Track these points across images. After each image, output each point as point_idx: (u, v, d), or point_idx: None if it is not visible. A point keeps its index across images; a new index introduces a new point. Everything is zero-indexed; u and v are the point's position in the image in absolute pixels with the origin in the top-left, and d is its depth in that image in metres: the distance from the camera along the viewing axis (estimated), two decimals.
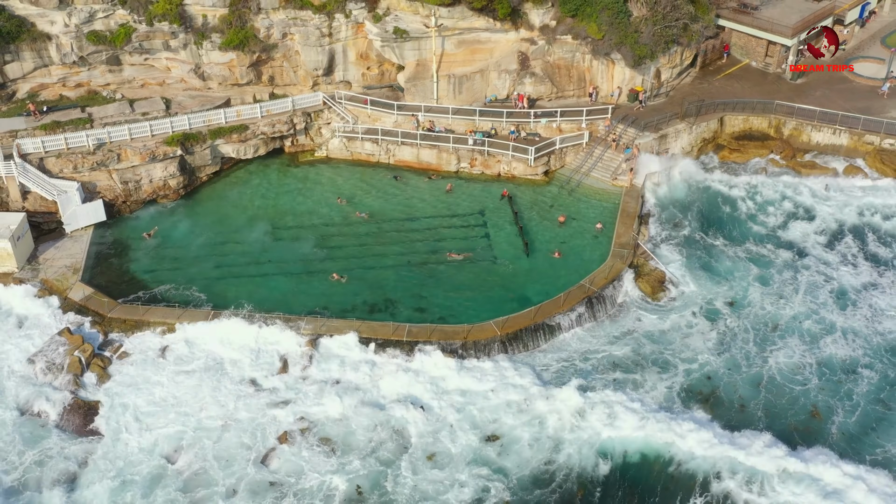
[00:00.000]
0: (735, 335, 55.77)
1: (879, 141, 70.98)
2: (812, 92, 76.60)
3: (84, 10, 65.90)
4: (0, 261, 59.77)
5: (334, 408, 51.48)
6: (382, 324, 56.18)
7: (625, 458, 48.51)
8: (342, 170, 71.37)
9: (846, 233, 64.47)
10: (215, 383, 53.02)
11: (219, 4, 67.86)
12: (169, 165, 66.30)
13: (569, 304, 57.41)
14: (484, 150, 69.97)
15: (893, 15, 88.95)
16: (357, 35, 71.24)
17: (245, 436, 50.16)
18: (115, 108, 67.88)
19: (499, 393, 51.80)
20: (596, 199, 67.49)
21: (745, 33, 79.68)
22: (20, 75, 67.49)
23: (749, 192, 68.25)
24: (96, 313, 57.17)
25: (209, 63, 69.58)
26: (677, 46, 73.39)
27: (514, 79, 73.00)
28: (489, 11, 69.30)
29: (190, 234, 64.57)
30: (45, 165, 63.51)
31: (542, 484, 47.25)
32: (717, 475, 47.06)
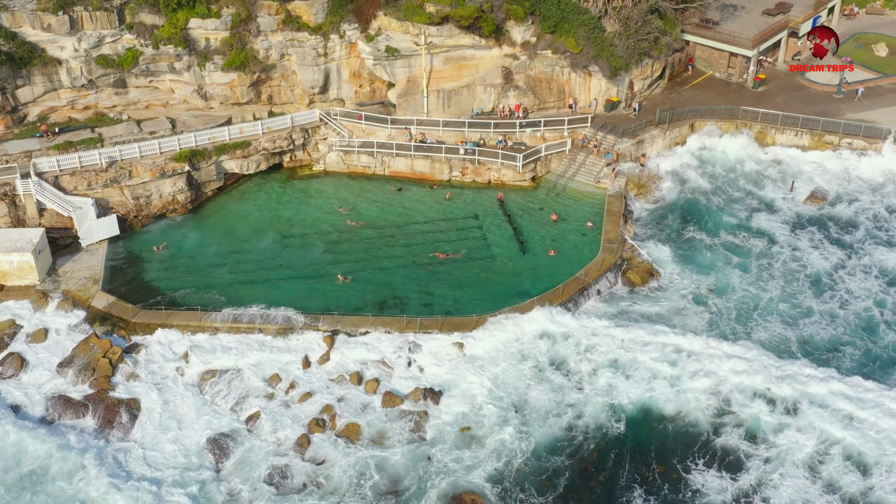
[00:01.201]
0: (721, 314, 60.56)
1: (838, 140, 76.79)
2: (773, 98, 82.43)
3: (93, 35, 69.18)
4: (22, 273, 62.36)
5: (356, 395, 54.92)
6: (395, 318, 59.81)
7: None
8: (340, 182, 75.14)
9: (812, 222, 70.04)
10: (241, 377, 56.07)
11: (220, 28, 71.60)
12: (177, 181, 69.49)
13: (567, 295, 61.66)
14: (475, 159, 74.31)
15: (841, 28, 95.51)
16: (350, 55, 75.40)
17: (276, 423, 53.27)
18: (124, 128, 71.08)
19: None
20: (582, 201, 72.12)
21: (709, 46, 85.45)
22: (31, 99, 70.36)
23: (721, 191, 73.49)
24: (120, 319, 59.98)
25: (211, 83, 73.13)
26: (648, 59, 78.75)
27: (498, 92, 77.68)
28: (475, 29, 73.96)
29: (201, 244, 67.68)
30: (59, 183, 66.36)
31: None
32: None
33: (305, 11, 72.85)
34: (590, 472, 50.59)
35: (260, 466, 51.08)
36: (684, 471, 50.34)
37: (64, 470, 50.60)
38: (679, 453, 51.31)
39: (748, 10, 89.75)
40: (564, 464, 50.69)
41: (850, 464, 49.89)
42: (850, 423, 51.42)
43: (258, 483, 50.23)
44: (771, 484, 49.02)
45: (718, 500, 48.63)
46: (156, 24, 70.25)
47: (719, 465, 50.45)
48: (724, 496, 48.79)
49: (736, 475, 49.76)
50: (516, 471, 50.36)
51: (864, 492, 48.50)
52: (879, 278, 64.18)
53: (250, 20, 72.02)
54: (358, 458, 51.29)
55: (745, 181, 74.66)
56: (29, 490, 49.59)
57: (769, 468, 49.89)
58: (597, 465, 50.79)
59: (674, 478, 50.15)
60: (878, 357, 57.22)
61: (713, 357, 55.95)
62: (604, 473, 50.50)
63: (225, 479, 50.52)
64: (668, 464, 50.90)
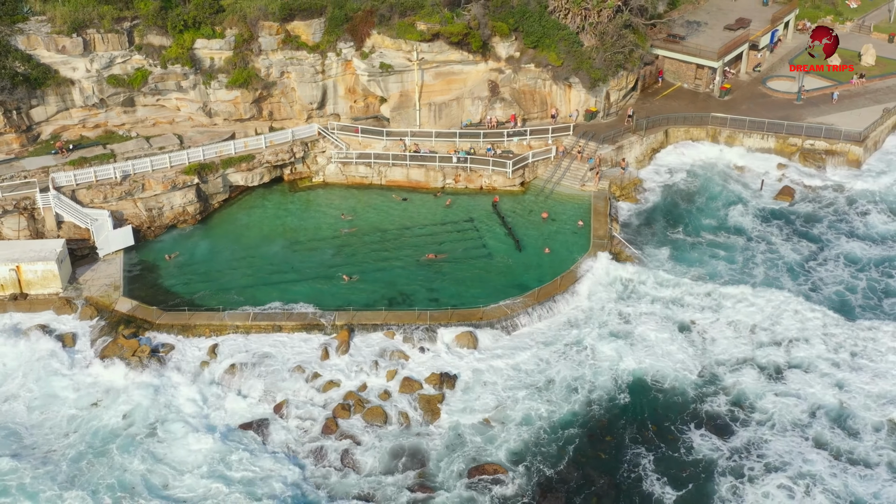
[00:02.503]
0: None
1: (801, 142, 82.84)
2: (739, 106, 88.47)
3: (104, 56, 72.68)
4: (46, 282, 65.24)
5: (376, 382, 58.76)
6: (406, 311, 63.80)
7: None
8: (340, 192, 79.12)
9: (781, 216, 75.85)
10: (266, 369, 59.52)
11: (225, 47, 75.54)
12: (187, 193, 72.94)
13: (564, 286, 66.24)
14: (467, 167, 78.88)
15: (795, 42, 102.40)
16: (346, 72, 79.73)
17: (303, 410, 56.80)
18: (134, 144, 74.49)
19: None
20: (569, 203, 76.96)
21: (677, 59, 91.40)
22: (44, 118, 73.44)
23: (699, 193, 79.03)
24: (144, 321, 63.05)
25: (216, 101, 76.87)
26: (623, 71, 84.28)
27: (485, 104, 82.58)
28: (464, 45, 78.84)
29: (212, 252, 71.07)
30: (76, 196, 69.45)
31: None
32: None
33: (304, 31, 77.13)
34: (595, 437, 54.79)
35: (294, 448, 54.46)
36: (679, 432, 54.84)
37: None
38: (672, 417, 55.94)
39: (711, 25, 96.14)
40: (577, 433, 54.80)
41: (835, 423, 54.95)
42: (834, 386, 56.78)
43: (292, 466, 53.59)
44: (762, 440, 53.80)
45: (714, 457, 53.21)
46: (163, 45, 73.95)
47: (712, 427, 55.12)
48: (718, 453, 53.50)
49: (728, 437, 54.47)
50: (533, 443, 54.32)
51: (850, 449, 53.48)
52: (849, 266, 69.99)
53: (252, 40, 76.06)
54: (383, 438, 54.87)
55: (720, 182, 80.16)
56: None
57: (760, 428, 54.71)
58: (605, 430, 55.08)
59: (669, 438, 54.45)
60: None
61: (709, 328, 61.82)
62: (610, 438, 54.70)
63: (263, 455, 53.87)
64: (663, 426, 55.43)
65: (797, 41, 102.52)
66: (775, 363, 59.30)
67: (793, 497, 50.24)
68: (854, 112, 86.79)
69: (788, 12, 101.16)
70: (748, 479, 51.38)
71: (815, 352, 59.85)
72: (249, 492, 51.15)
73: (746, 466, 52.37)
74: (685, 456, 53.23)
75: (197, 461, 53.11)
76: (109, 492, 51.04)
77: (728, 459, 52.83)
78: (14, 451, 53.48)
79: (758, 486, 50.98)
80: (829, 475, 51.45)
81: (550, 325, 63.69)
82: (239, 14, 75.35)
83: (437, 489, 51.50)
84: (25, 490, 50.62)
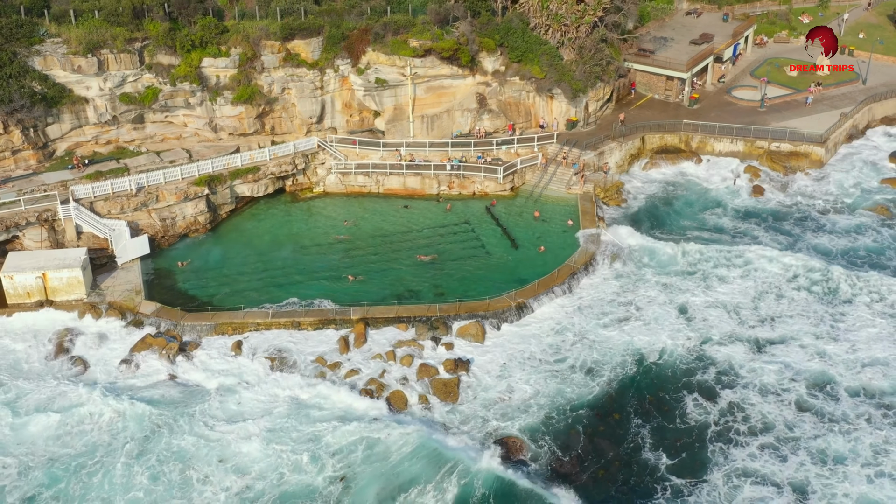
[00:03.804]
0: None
1: (768, 145, 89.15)
2: (707, 113, 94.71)
3: (117, 75, 76.46)
4: (72, 288, 68.43)
5: (395, 369, 62.86)
6: (417, 305, 68.09)
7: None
8: (340, 200, 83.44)
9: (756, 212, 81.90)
10: (290, 360, 63.31)
11: (230, 66, 79.76)
12: (198, 203, 76.68)
13: (561, 279, 71.12)
14: (460, 174, 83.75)
15: (754, 55, 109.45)
16: (342, 87, 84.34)
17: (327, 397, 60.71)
18: (146, 159, 78.18)
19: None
20: (557, 205, 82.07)
21: (648, 72, 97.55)
22: (59, 135, 76.85)
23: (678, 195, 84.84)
24: (170, 321, 66.56)
25: (222, 116, 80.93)
26: (601, 82, 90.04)
27: (474, 116, 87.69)
28: (454, 60, 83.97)
29: (225, 258, 74.73)
30: (94, 208, 72.84)
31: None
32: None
33: (304, 49, 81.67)
34: (602, 415, 59.41)
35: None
36: (675, 402, 59.69)
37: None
38: (668, 388, 60.83)
39: (677, 40, 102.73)
40: (585, 412, 59.35)
41: (815, 387, 60.39)
42: (815, 356, 62.53)
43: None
44: (748, 402, 59.03)
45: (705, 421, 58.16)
46: (172, 64, 77.93)
47: (704, 394, 60.14)
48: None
49: (715, 400, 59.52)
50: (546, 420, 58.68)
51: (832, 412, 58.71)
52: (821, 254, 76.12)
53: (255, 58, 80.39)
54: (408, 418, 59.06)
55: (696, 186, 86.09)
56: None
57: (745, 392, 60.05)
58: (612, 407, 59.76)
59: (665, 410, 59.26)
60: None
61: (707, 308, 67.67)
62: (616, 415, 59.36)
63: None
64: (659, 396, 60.26)
65: (756, 54, 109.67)
66: (762, 337, 64.66)
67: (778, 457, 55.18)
68: (814, 117, 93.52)
69: (747, 28, 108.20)
70: (734, 444, 56.00)
71: (797, 326, 65.39)
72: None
73: (733, 430, 57.17)
74: (679, 425, 57.95)
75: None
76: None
77: (716, 424, 57.56)
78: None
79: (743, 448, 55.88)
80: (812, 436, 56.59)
81: (555, 312, 68.26)
82: (242, 34, 79.66)
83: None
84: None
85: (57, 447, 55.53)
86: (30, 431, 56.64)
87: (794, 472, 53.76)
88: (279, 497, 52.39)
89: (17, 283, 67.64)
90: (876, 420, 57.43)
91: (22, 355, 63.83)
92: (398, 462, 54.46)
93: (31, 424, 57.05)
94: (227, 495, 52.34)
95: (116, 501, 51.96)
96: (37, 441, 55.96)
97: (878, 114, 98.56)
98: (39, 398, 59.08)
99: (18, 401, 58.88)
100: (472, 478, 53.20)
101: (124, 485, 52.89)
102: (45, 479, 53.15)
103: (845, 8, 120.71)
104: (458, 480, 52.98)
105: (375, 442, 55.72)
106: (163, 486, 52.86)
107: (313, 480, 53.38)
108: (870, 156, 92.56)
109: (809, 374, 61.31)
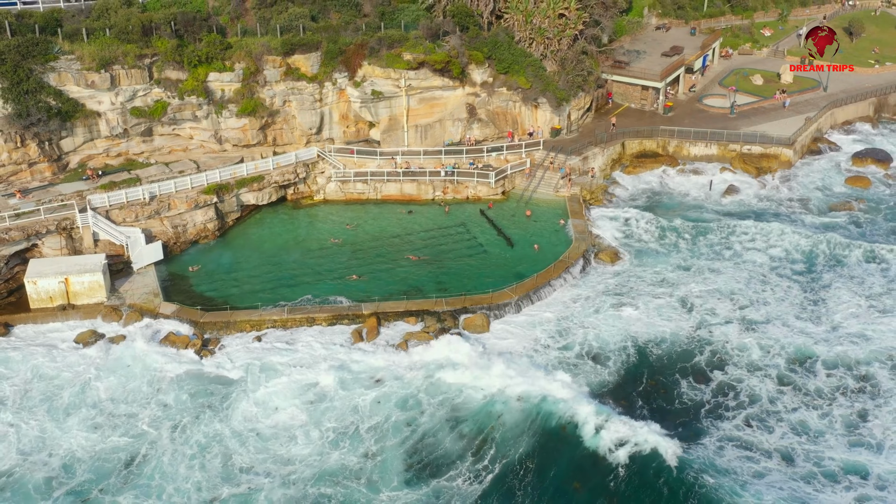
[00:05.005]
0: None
1: (740, 148, 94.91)
2: (681, 120, 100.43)
3: (128, 90, 79.94)
4: (93, 292, 71.49)
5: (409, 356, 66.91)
6: (425, 300, 72.13)
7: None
8: (341, 207, 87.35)
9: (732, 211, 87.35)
10: (309, 352, 66.99)
11: (234, 80, 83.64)
12: (207, 211, 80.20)
13: (557, 272, 75.68)
14: (454, 180, 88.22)
15: (721, 66, 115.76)
16: (340, 99, 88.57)
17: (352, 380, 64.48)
18: (156, 170, 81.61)
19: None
20: (546, 207, 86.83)
21: (624, 82, 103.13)
22: (72, 148, 80.00)
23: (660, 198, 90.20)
24: (189, 321, 69.82)
25: (226, 128, 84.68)
26: (582, 92, 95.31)
27: (465, 125, 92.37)
28: (446, 72, 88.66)
29: (235, 261, 78.15)
30: (110, 216, 76.07)
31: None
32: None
33: (303, 64, 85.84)
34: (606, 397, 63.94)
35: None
36: (672, 384, 64.29)
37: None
38: (667, 371, 65.36)
39: (649, 53, 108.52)
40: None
41: (796, 363, 65.51)
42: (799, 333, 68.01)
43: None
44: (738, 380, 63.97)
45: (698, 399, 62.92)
46: (180, 79, 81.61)
47: (699, 377, 64.80)
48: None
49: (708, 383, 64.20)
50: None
51: (818, 388, 63.68)
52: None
53: (258, 73, 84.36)
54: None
55: (676, 188, 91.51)
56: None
57: (736, 370, 64.95)
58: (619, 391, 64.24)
59: (662, 393, 63.70)
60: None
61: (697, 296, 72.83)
62: (624, 402, 63.63)
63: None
64: (657, 379, 64.82)
65: (722, 65, 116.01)
66: (750, 318, 69.80)
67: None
68: (780, 122, 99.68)
69: (714, 41, 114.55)
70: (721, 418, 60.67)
71: (781, 309, 70.70)
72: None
73: (722, 406, 61.90)
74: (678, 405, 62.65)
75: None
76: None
77: (708, 402, 62.30)
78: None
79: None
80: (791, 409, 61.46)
81: (554, 303, 72.76)
82: (245, 50, 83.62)
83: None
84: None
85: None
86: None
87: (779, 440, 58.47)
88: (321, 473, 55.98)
89: (40, 288, 70.55)
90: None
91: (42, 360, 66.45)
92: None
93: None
94: (270, 481, 55.35)
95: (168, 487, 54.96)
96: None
97: (839, 118, 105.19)
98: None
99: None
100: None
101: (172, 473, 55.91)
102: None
103: (803, 21, 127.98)
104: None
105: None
106: (208, 473, 55.93)
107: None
108: (834, 157, 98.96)
109: (793, 351, 66.53)
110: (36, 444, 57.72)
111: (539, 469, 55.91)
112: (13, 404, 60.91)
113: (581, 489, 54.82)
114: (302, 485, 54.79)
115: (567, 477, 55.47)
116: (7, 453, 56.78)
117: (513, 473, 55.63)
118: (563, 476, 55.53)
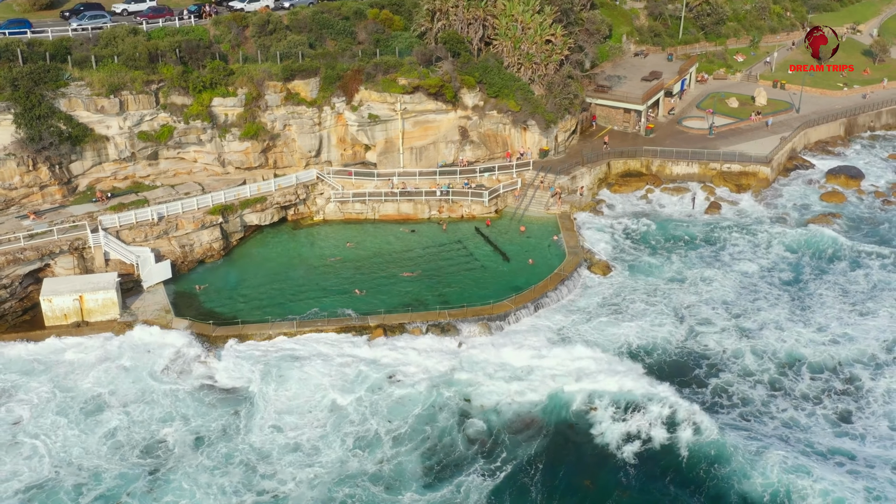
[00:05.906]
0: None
1: (720, 166, 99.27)
2: (662, 141, 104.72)
3: (135, 115, 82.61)
4: (106, 309, 73.68)
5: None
6: (428, 312, 75.12)
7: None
8: (340, 227, 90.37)
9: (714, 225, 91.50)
10: (321, 359, 69.56)
11: (237, 105, 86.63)
12: (213, 231, 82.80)
13: (552, 284, 79.01)
14: (449, 199, 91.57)
15: (697, 90, 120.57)
16: (338, 123, 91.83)
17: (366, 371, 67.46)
18: (162, 191, 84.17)
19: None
20: (539, 223, 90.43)
21: (607, 105, 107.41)
22: (82, 171, 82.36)
23: (642, 210, 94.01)
24: (201, 335, 72.19)
25: (230, 151, 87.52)
26: (568, 115, 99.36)
27: (457, 147, 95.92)
28: (439, 96, 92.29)
29: (242, 279, 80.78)
30: (120, 236, 78.45)
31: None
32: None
33: (303, 89, 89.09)
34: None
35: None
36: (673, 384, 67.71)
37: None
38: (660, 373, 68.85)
39: (629, 78, 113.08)
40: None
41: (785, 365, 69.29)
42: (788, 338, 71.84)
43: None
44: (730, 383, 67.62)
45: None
46: (185, 104, 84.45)
47: (692, 378, 68.40)
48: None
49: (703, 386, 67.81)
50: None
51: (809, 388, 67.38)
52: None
53: (260, 98, 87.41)
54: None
55: (661, 202, 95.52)
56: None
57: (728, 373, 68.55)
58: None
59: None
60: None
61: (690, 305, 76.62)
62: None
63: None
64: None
65: (699, 89, 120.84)
66: (743, 326, 73.54)
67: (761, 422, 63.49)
68: (757, 141, 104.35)
69: (690, 66, 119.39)
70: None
71: (771, 315, 74.61)
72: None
73: (717, 405, 65.37)
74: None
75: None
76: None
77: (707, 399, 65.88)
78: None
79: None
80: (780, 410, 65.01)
81: (551, 313, 76.04)
82: (247, 75, 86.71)
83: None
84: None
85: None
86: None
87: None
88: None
89: (55, 306, 72.68)
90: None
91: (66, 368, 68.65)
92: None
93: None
94: (295, 483, 57.83)
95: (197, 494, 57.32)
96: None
97: (812, 138, 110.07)
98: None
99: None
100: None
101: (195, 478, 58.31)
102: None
103: (774, 47, 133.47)
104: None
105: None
106: (231, 479, 58.32)
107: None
108: (809, 174, 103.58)
109: (782, 354, 70.30)
110: (63, 455, 59.81)
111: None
112: (33, 418, 62.98)
113: (592, 486, 58.15)
114: (324, 488, 57.32)
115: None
116: (39, 465, 58.92)
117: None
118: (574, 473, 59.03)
